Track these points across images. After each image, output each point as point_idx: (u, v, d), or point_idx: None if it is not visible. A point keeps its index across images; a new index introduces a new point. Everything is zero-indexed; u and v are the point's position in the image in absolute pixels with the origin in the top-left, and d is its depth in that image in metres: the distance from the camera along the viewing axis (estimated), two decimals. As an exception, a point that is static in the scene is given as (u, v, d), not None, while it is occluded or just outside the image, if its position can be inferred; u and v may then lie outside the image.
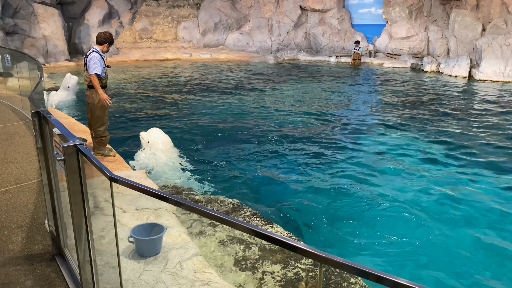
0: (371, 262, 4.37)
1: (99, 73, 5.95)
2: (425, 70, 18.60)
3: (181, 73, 17.53)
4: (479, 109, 11.58)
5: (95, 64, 5.90)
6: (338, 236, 4.96)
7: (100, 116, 6.19)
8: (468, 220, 5.34)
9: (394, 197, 5.98)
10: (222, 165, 7.16)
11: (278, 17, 24.75)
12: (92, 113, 6.18)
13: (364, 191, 6.15)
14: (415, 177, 6.70)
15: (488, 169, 7.10)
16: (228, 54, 22.89)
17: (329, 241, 4.85)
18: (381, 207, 5.65)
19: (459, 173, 6.93)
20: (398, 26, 22.21)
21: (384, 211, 5.57)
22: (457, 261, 4.47)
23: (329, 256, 1.50)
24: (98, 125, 6.23)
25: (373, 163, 7.30)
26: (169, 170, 6.79)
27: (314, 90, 14.26)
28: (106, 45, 6.14)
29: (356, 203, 5.79)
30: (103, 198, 4.41)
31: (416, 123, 9.95)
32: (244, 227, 1.87)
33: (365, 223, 5.27)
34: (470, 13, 18.89)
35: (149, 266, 3.45)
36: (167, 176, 6.54)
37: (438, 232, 5.03)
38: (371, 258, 4.47)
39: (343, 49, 23.96)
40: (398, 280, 1.46)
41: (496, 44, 16.51)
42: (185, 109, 11.11)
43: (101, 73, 6.01)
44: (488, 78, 16.33)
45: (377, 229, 5.11)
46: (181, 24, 24.16)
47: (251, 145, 8.26)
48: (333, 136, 9.00)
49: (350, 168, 7.07)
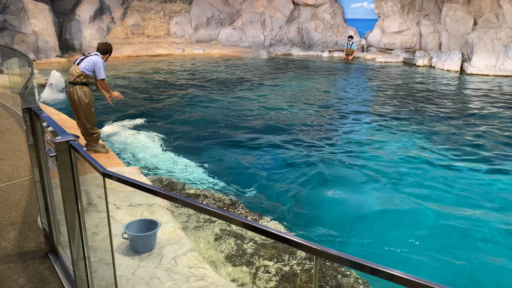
0: (367, 255, 4.40)
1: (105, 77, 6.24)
2: (418, 65, 18.66)
3: (174, 68, 17.44)
4: (470, 103, 11.65)
5: (102, 67, 6.09)
6: (333, 230, 4.97)
7: (88, 113, 6.16)
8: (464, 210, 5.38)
9: (389, 190, 6.00)
10: (216, 160, 7.15)
11: (271, 12, 24.67)
12: (80, 110, 6.15)
13: (358, 185, 6.17)
14: (410, 169, 6.73)
15: (479, 162, 7.16)
16: (221, 49, 22.80)
17: (324, 235, 4.86)
18: (375, 201, 5.68)
19: (451, 165, 6.98)
20: (391, 21, 22.24)
21: (378, 204, 5.59)
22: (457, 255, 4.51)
23: (324, 249, 1.50)
24: (87, 122, 6.21)
25: (367, 157, 7.33)
26: (162, 164, 6.77)
27: (307, 85, 14.26)
28: (107, 56, 6.34)
29: (350, 197, 5.81)
30: (97, 195, 4.39)
31: (409, 117, 9.99)
32: (239, 221, 1.86)
33: (359, 217, 5.29)
34: (462, 7, 18.96)
35: (143, 262, 3.44)
36: (159, 167, 6.52)
37: (433, 223, 5.07)
38: (366, 251, 4.49)
39: (336, 44, 23.96)
40: (392, 271, 1.47)
41: (487, 38, 16.60)
42: (178, 105, 11.06)
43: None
44: (480, 72, 16.43)
45: (372, 222, 5.14)
46: (173, 19, 23.99)
47: (245, 139, 8.25)
48: (326, 130, 9.01)
49: (345, 162, 7.08)
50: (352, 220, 5.21)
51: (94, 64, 6.07)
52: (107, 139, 7.88)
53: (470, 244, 4.68)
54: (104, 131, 8.31)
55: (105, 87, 6.29)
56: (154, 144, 7.81)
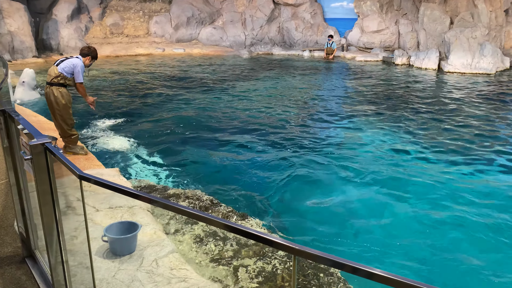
0: (349, 254, 4.44)
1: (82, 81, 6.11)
2: (396, 63, 18.94)
3: (154, 68, 17.28)
4: (447, 100, 11.88)
5: (81, 72, 5.99)
6: (314, 229, 5.01)
7: (65, 114, 6.05)
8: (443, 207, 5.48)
9: (369, 188, 6.08)
10: (197, 161, 7.11)
11: (251, 11, 24.67)
12: (57, 111, 6.04)
13: (339, 184, 6.23)
14: (389, 167, 6.83)
15: (456, 157, 7.32)
16: (202, 48, 22.69)
17: (307, 234, 4.89)
18: (355, 199, 5.74)
19: (429, 161, 7.11)
20: (370, 20, 22.50)
21: (358, 202, 5.66)
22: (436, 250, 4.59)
23: (303, 248, 1.51)
24: (64, 123, 6.10)
25: (347, 156, 7.40)
26: (142, 165, 6.70)
27: (289, 84, 14.32)
28: (89, 58, 6.22)
29: (331, 196, 5.86)
30: (75, 197, 4.31)
31: (388, 115, 10.13)
32: (219, 223, 1.86)
33: (340, 215, 5.34)
34: (439, 6, 19.32)
35: (124, 265, 3.40)
36: (139, 169, 6.45)
37: (414, 222, 5.15)
38: (348, 250, 4.54)
39: (317, 43, 24.11)
40: (373, 270, 1.48)
41: (463, 37, 16.96)
42: (158, 105, 10.97)
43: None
44: (457, 70, 16.78)
45: (353, 221, 5.20)
46: (152, 19, 23.76)
47: (226, 139, 8.23)
48: (306, 129, 9.06)
49: (325, 160, 7.14)
50: (333, 219, 5.25)
51: (73, 66, 5.97)
52: (86, 140, 7.76)
53: (449, 241, 4.78)
54: (83, 133, 8.19)
55: (82, 91, 6.14)
56: (134, 145, 7.73)
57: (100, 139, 8.01)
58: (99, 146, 7.62)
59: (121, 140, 7.94)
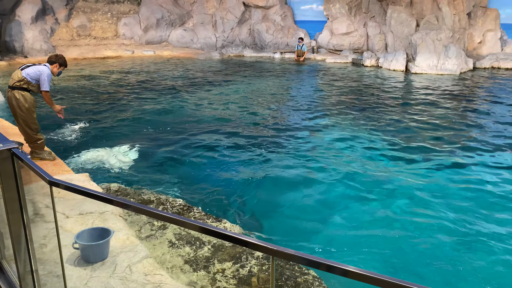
0: (324, 252, 4.49)
1: (48, 90, 5.90)
2: (365, 65, 19.33)
3: (124, 70, 16.98)
4: (414, 100, 12.21)
5: (47, 80, 5.80)
6: (289, 229, 5.04)
7: (28, 118, 5.86)
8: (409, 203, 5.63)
9: (341, 187, 6.17)
10: (169, 164, 7.03)
11: (222, 13, 24.64)
12: (20, 116, 5.84)
13: (311, 183, 6.30)
14: (360, 165, 6.95)
15: (422, 154, 7.53)
16: (172, 51, 22.47)
17: (281, 234, 4.92)
18: (328, 198, 5.82)
19: (399, 160, 7.29)
20: (339, 23, 22.88)
21: (329, 201, 5.74)
22: (404, 246, 4.70)
23: (280, 248, 1.52)
24: (28, 128, 5.91)
25: (320, 155, 7.49)
26: (114, 169, 6.57)
27: (260, 86, 14.37)
28: (57, 65, 6.02)
29: (304, 196, 5.91)
30: (44, 204, 4.18)
31: (358, 115, 10.32)
32: (195, 226, 1.84)
33: (314, 215, 5.40)
34: (405, 9, 19.86)
35: (96, 272, 3.32)
36: (110, 173, 6.32)
37: (383, 219, 5.26)
38: (322, 248, 4.59)
39: (287, 45, 24.32)
40: (348, 267, 1.50)
41: (429, 39, 17.48)
42: (128, 108, 10.78)
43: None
44: (423, 71, 17.28)
45: (325, 220, 5.26)
46: (121, 21, 23.37)
47: (198, 142, 8.18)
48: (279, 130, 9.12)
49: (297, 160, 7.20)
50: (306, 218, 5.30)
51: (39, 73, 5.78)
52: (53, 145, 7.54)
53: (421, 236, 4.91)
54: (50, 137, 7.95)
55: (48, 100, 5.95)
56: (104, 149, 7.57)
57: (68, 144, 7.80)
58: (68, 151, 7.42)
59: (90, 145, 7.76)
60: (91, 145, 7.75)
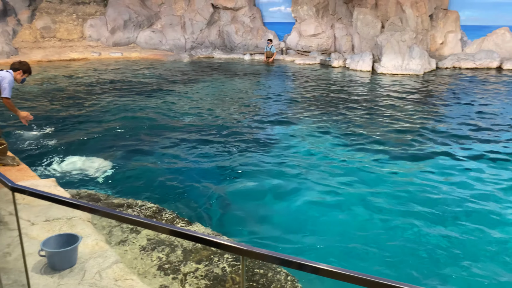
0: (294, 251, 4.54)
1: (9, 97, 5.76)
2: (333, 66, 19.64)
3: (90, 73, 16.61)
4: (380, 100, 12.52)
5: (8, 86, 5.65)
6: (260, 230, 5.07)
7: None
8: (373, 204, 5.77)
9: (309, 186, 6.25)
10: (138, 168, 6.93)
11: (191, 14, 24.49)
12: None
13: (280, 183, 6.35)
14: (328, 164, 7.07)
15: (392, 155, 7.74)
16: (141, 52, 22.14)
17: (253, 235, 4.93)
18: (297, 197, 5.88)
19: (366, 157, 7.45)
20: (307, 24, 23.16)
21: (300, 200, 5.80)
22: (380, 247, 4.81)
23: (250, 248, 1.54)
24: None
25: (289, 155, 7.56)
26: (81, 174, 6.42)
27: (229, 87, 14.36)
28: (20, 72, 5.87)
29: (273, 196, 5.96)
30: (7, 212, 4.04)
31: (326, 115, 10.48)
32: (165, 229, 1.83)
33: (284, 215, 5.45)
34: (370, 11, 20.32)
35: (64, 279, 3.24)
36: (78, 178, 6.18)
37: (351, 214, 5.37)
38: (294, 247, 4.64)
39: (257, 47, 24.41)
40: (318, 265, 1.54)
41: (394, 40, 17.95)
42: (95, 111, 10.55)
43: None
44: (389, 72, 17.72)
45: (295, 219, 5.32)
46: (87, 22, 22.83)
47: (167, 145, 8.10)
48: (248, 131, 9.14)
49: (266, 161, 7.24)
50: (277, 218, 5.35)
51: (1, 79, 5.65)
52: (17, 150, 7.29)
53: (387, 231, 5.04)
54: (13, 142, 7.68)
55: (9, 106, 5.82)
56: (70, 154, 7.38)
57: (33, 149, 7.56)
58: (33, 156, 7.19)
59: (57, 149, 7.55)
60: (59, 150, 7.54)
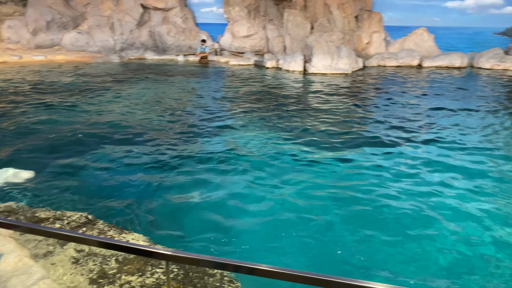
0: (233, 253, 4.56)
1: None
2: (267, 67, 19.98)
3: (10, 77, 15.49)
4: (313, 99, 12.95)
5: None
6: (200, 234, 5.04)
7: None
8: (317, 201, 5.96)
9: (247, 185, 6.32)
10: (66, 176, 6.59)
11: (119, 15, 23.67)
12: None
13: (216, 185, 6.35)
14: (264, 162, 7.18)
15: (327, 150, 8.03)
16: (66, 55, 21.04)
17: (194, 241, 4.89)
18: (236, 198, 5.92)
19: (303, 156, 7.68)
20: (239, 25, 23.34)
21: (238, 200, 5.85)
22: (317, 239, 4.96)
23: (176, 253, 1.53)
24: None
25: (225, 156, 7.58)
26: (6, 189, 5.98)
27: (163, 89, 14.09)
28: None
29: (212, 199, 5.95)
30: None
31: (261, 114, 10.64)
32: (90, 240, 1.78)
33: (226, 217, 5.46)
34: (300, 13, 20.91)
35: (-16, 302, 3.01)
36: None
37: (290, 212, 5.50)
38: (233, 249, 4.66)
39: (190, 48, 24.18)
40: (254, 266, 1.56)
41: (323, 41, 18.62)
42: (18, 118, 9.86)
43: None
44: (319, 71, 18.36)
45: (234, 220, 5.35)
46: (4, 23, 21.28)
47: (96, 151, 7.78)
48: (183, 133, 9.04)
49: (201, 163, 7.21)
50: (215, 221, 5.35)
51: None
52: None
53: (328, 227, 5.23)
54: None
55: None
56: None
57: None
58: None
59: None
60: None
